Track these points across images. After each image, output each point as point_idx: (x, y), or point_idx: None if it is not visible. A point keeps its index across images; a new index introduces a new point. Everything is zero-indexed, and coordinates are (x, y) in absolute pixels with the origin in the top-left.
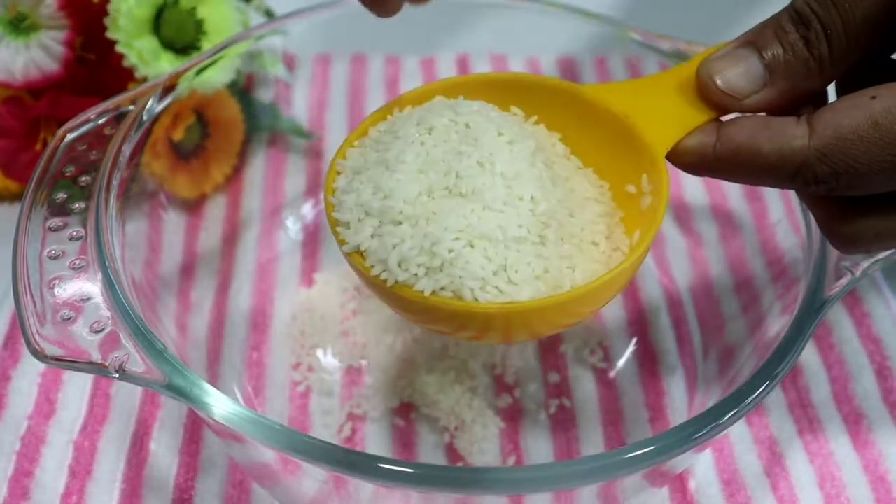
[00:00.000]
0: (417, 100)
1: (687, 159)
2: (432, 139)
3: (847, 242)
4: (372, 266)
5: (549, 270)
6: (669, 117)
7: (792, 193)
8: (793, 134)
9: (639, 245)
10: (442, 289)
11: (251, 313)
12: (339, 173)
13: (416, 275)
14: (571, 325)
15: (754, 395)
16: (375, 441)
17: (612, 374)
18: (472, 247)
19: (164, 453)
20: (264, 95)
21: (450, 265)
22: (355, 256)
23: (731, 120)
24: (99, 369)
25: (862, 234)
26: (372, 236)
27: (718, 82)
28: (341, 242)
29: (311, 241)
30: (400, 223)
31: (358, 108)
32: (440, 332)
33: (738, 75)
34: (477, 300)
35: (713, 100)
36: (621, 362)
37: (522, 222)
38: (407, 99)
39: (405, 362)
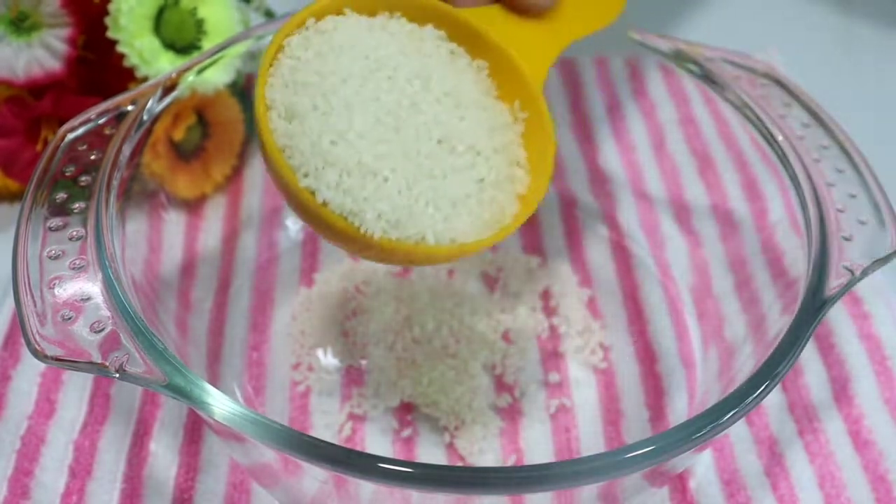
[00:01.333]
0: (325, 11)
1: None
2: (376, 73)
3: None
4: (344, 217)
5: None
6: (532, 44)
7: (792, 192)
8: None
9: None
10: (407, 237)
11: (251, 313)
12: (269, 108)
13: (389, 225)
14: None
15: (754, 395)
16: (375, 441)
17: (612, 374)
18: (427, 204)
19: (164, 453)
20: None
21: (416, 217)
22: (323, 208)
23: None
24: (99, 369)
25: None
26: (336, 186)
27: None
28: (301, 190)
29: (311, 241)
30: (364, 176)
31: None
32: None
33: None
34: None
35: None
36: (621, 362)
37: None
38: (318, 9)
39: (405, 362)
